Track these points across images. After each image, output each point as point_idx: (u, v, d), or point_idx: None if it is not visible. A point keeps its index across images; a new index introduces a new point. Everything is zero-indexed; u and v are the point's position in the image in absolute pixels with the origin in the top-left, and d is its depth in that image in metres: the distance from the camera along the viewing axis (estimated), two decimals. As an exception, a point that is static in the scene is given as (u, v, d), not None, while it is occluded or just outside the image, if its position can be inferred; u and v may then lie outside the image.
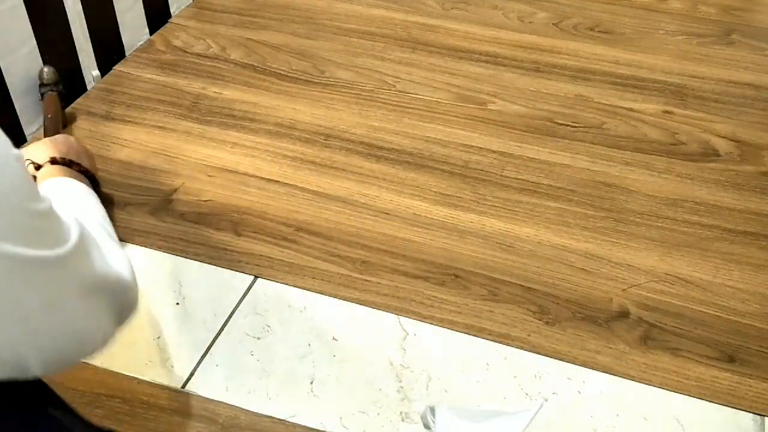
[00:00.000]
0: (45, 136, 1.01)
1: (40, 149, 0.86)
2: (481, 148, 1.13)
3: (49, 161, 0.83)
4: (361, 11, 1.48)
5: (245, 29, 1.42)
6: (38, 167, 0.83)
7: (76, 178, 0.81)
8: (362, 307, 0.88)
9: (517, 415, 0.70)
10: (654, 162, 1.12)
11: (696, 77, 1.32)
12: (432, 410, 0.73)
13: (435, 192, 1.04)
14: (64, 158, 0.84)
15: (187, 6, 1.49)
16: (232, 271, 0.92)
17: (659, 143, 1.16)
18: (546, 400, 0.77)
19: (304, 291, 0.89)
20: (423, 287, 0.90)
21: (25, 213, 0.45)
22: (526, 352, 0.83)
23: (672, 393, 0.79)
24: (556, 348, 0.84)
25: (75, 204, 0.76)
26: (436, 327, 0.86)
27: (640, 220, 1.01)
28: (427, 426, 0.74)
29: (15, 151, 0.47)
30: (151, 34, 1.40)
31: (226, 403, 0.77)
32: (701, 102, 1.25)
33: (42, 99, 1.12)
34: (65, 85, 1.15)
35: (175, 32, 1.41)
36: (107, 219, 0.74)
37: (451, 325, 0.86)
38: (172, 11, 1.45)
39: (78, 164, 0.85)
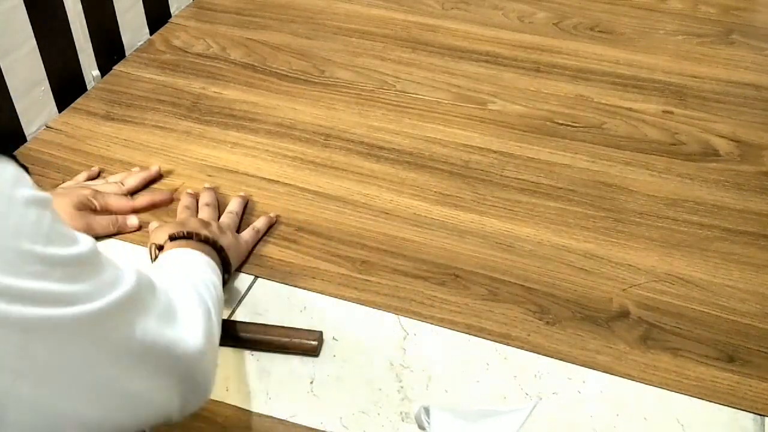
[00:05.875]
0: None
1: (164, 230, 0.84)
2: (481, 148, 1.13)
3: (168, 239, 0.81)
4: (361, 11, 1.48)
5: (245, 29, 1.42)
6: (160, 248, 0.81)
7: (196, 248, 0.79)
8: (362, 307, 0.88)
9: (512, 413, 0.70)
10: (654, 162, 1.12)
11: (696, 77, 1.32)
12: (426, 410, 0.73)
13: (435, 192, 1.05)
14: (181, 232, 0.81)
15: (187, 6, 1.49)
16: (232, 271, 0.92)
17: (659, 143, 1.16)
18: (540, 399, 0.77)
19: (304, 291, 0.89)
20: (423, 287, 0.90)
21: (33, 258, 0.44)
22: (526, 352, 0.83)
23: (672, 393, 0.79)
24: (556, 348, 0.84)
25: (171, 269, 0.74)
26: (436, 327, 0.86)
27: (640, 220, 1.01)
28: (421, 426, 0.73)
29: (26, 192, 0.45)
30: (151, 34, 1.40)
31: (225, 403, 0.77)
32: (701, 102, 1.25)
33: None
34: (65, 85, 1.15)
35: (175, 32, 1.41)
36: (210, 283, 0.71)
37: (451, 325, 0.86)
38: (172, 11, 1.45)
39: (198, 234, 0.82)
